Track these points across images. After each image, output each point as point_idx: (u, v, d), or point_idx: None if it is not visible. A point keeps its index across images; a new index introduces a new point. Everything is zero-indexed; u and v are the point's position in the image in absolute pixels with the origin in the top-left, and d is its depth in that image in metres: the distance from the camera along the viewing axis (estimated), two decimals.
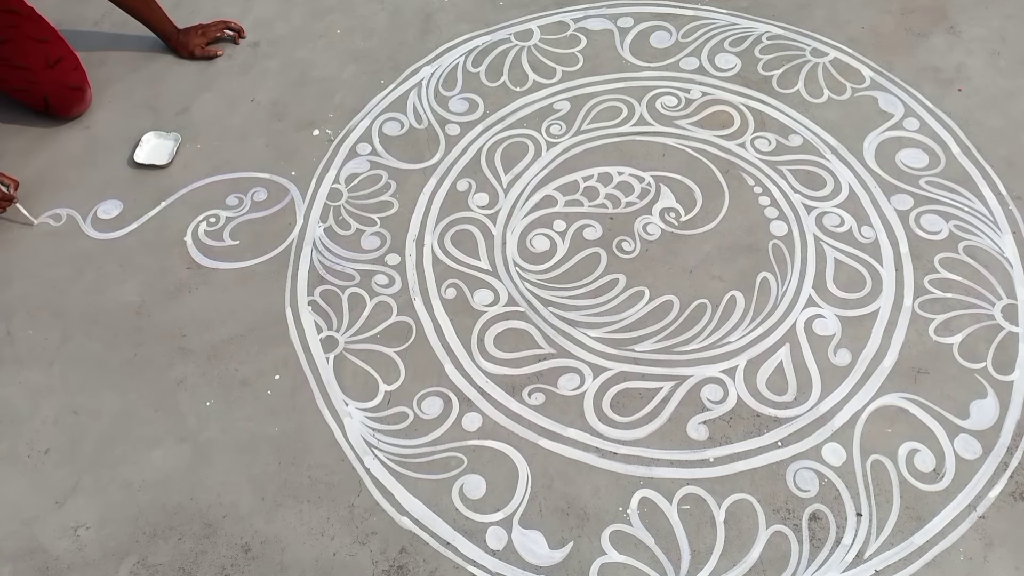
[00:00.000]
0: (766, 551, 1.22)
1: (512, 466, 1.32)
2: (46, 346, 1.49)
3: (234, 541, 1.26)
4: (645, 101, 1.79)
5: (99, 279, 1.57)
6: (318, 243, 1.60)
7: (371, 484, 1.31)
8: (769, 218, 1.59)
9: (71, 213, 1.67)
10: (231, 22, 1.95)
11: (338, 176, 1.70)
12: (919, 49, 1.86)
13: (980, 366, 1.38)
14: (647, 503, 1.27)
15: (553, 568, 1.22)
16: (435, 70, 1.88)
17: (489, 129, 1.76)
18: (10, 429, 1.40)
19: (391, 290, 1.53)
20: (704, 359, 1.42)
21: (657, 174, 1.66)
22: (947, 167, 1.65)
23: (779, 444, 1.32)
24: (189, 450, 1.36)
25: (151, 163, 1.73)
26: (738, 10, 1.96)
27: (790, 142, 1.70)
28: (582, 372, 1.41)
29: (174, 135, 1.77)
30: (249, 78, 1.88)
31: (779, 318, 1.46)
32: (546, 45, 1.91)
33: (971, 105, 1.74)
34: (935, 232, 1.55)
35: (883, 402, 1.35)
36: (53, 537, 1.28)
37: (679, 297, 1.49)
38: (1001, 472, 1.28)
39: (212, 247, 1.61)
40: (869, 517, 1.24)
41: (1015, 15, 1.91)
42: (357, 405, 1.39)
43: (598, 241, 1.57)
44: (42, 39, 1.72)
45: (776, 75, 1.82)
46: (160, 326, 1.50)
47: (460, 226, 1.61)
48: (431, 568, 1.23)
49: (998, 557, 1.20)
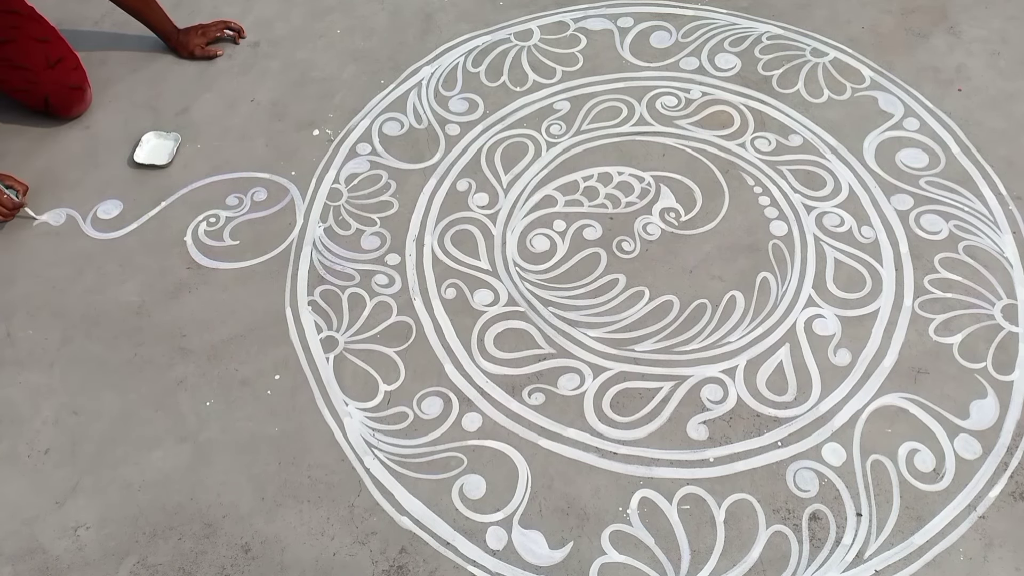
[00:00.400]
0: (766, 551, 1.22)
1: (512, 466, 1.32)
2: (46, 346, 1.49)
3: (234, 541, 1.26)
4: (645, 101, 1.79)
5: (99, 279, 1.57)
6: (318, 243, 1.60)
7: (371, 484, 1.31)
8: (769, 218, 1.59)
9: (71, 213, 1.67)
10: (231, 22, 1.95)
11: (338, 176, 1.70)
12: (919, 49, 1.86)
13: (980, 366, 1.38)
14: (647, 503, 1.27)
15: (553, 568, 1.22)
16: (435, 70, 1.88)
17: (489, 129, 1.76)
18: (10, 429, 1.40)
19: (391, 290, 1.53)
20: (704, 359, 1.42)
21: (657, 174, 1.66)
22: (947, 167, 1.65)
23: (779, 444, 1.32)
24: (189, 450, 1.36)
25: (151, 163, 1.73)
26: (738, 10, 1.96)
27: (790, 142, 1.70)
28: (582, 372, 1.41)
29: (174, 135, 1.77)
30: (249, 78, 1.88)
31: (779, 318, 1.46)
32: (546, 45, 1.91)
33: (971, 105, 1.74)
34: (935, 232, 1.55)
35: (883, 402, 1.35)
36: (53, 537, 1.28)
37: (679, 297, 1.49)
38: (1001, 472, 1.28)
39: (212, 247, 1.61)
40: (869, 517, 1.24)
41: (1016, 16, 1.91)
42: (357, 405, 1.39)
43: (598, 241, 1.57)
44: (43, 39, 1.72)
45: (776, 75, 1.82)
46: (160, 326, 1.50)
47: (460, 226, 1.61)
48: (431, 568, 1.23)
49: (998, 557, 1.20)
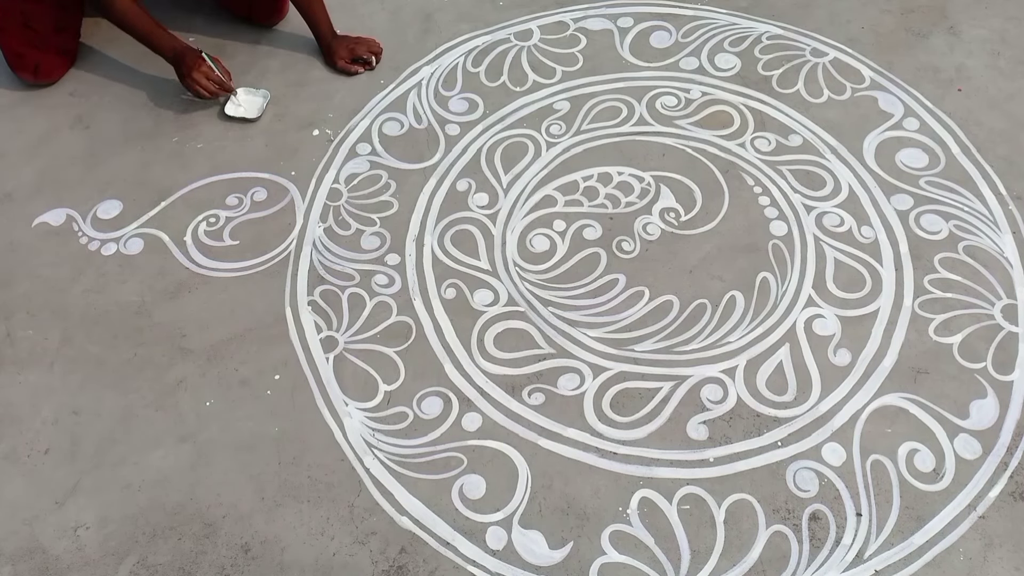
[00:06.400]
0: (766, 551, 1.22)
1: (512, 466, 1.32)
2: (46, 346, 1.49)
3: (234, 541, 1.26)
4: (645, 101, 1.79)
5: (99, 279, 1.57)
6: (318, 243, 1.60)
7: (371, 484, 1.31)
8: (769, 218, 1.59)
9: (71, 213, 1.67)
10: (376, 45, 1.90)
11: (338, 176, 1.70)
12: (919, 49, 1.86)
13: (980, 366, 1.38)
14: (647, 503, 1.27)
15: (553, 568, 1.22)
16: (435, 70, 1.88)
17: (489, 129, 1.76)
18: (10, 429, 1.40)
19: (391, 290, 1.53)
20: (704, 359, 1.42)
21: (657, 174, 1.66)
22: (947, 167, 1.65)
23: (779, 444, 1.32)
24: (189, 450, 1.36)
25: (242, 116, 1.78)
26: (738, 10, 1.96)
27: (790, 142, 1.70)
28: (582, 372, 1.41)
29: (263, 91, 1.82)
30: (249, 78, 1.88)
31: (779, 318, 1.46)
32: (546, 45, 1.91)
33: (971, 105, 1.74)
34: (935, 232, 1.55)
35: (883, 402, 1.35)
36: (53, 537, 1.28)
37: (679, 297, 1.49)
38: (1001, 472, 1.28)
39: (212, 247, 1.61)
40: (869, 517, 1.24)
41: (1016, 16, 1.91)
42: (357, 405, 1.39)
43: (598, 241, 1.57)
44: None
45: (776, 75, 1.82)
46: (160, 326, 1.50)
47: (460, 226, 1.61)
48: (431, 568, 1.23)
49: (998, 557, 1.20)
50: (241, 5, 1.98)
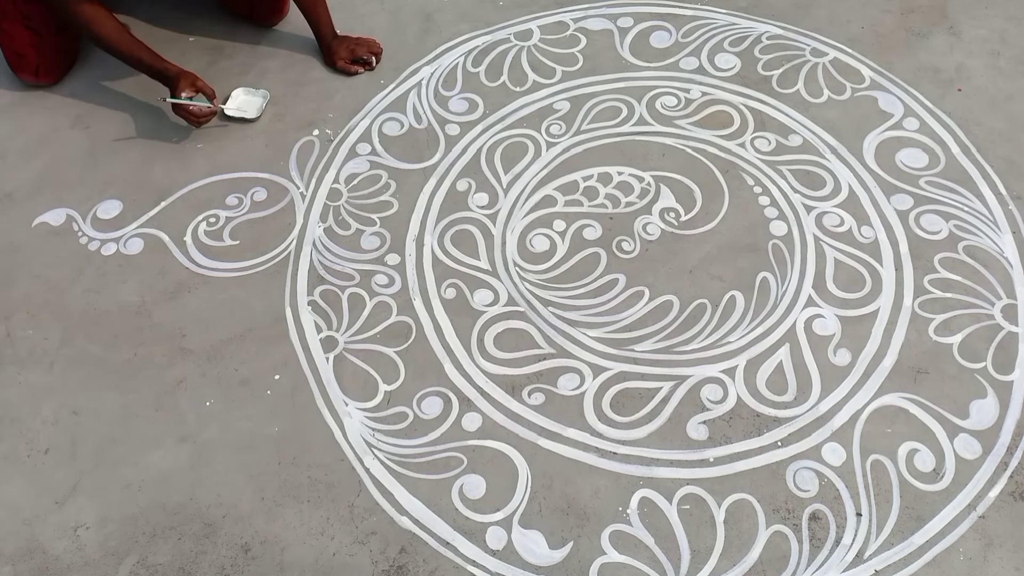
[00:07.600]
0: (766, 551, 1.22)
1: (512, 466, 1.32)
2: (46, 346, 1.49)
3: (234, 541, 1.26)
4: (645, 101, 1.79)
5: (99, 279, 1.57)
6: (318, 243, 1.60)
7: (371, 484, 1.31)
8: (769, 218, 1.59)
9: (71, 213, 1.67)
10: (377, 46, 1.90)
11: (338, 176, 1.70)
12: (919, 49, 1.86)
13: (980, 366, 1.38)
14: (647, 503, 1.27)
15: (553, 568, 1.22)
16: (435, 70, 1.88)
17: (489, 129, 1.76)
18: (10, 429, 1.40)
19: (391, 290, 1.53)
20: (704, 359, 1.42)
21: (657, 174, 1.66)
22: (947, 167, 1.65)
23: (779, 444, 1.32)
24: (189, 450, 1.36)
25: (241, 116, 1.78)
26: (738, 10, 1.96)
27: (790, 142, 1.70)
28: (582, 372, 1.41)
29: (262, 92, 1.82)
30: (249, 78, 1.88)
31: (779, 318, 1.46)
32: (546, 45, 1.91)
33: (971, 105, 1.74)
34: (935, 232, 1.55)
35: (883, 402, 1.35)
36: (53, 537, 1.28)
37: (679, 297, 1.49)
38: (1001, 472, 1.28)
39: (212, 247, 1.61)
40: (869, 517, 1.24)
41: (1016, 16, 1.91)
42: (357, 405, 1.39)
43: (598, 241, 1.57)
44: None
45: (776, 75, 1.82)
46: (160, 326, 1.50)
47: (460, 226, 1.61)
48: (431, 568, 1.23)
49: (998, 557, 1.20)
50: (242, 5, 1.98)
